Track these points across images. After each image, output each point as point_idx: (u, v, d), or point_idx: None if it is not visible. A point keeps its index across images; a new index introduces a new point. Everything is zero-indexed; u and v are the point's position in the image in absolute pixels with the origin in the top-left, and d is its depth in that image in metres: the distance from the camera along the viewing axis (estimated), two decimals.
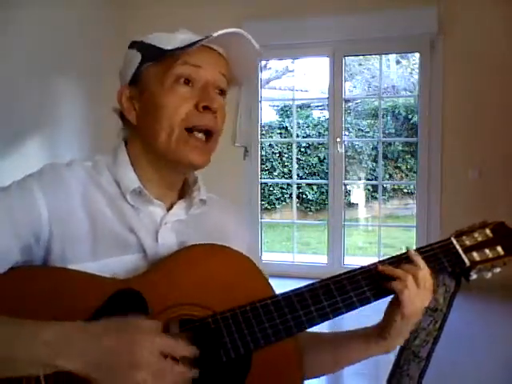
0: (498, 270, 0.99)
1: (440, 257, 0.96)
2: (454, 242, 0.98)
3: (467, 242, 0.98)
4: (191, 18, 4.43)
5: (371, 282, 0.92)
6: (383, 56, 6.23)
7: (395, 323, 0.92)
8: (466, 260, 0.97)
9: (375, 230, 6.10)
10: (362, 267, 0.94)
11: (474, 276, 0.98)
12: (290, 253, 5.36)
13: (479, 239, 0.99)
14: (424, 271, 0.91)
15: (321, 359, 1.03)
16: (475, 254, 0.97)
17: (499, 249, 0.98)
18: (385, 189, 8.97)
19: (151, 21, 4.63)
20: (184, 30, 0.98)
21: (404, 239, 7.32)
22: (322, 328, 0.94)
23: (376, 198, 8.31)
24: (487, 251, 0.98)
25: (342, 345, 1.01)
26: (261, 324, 0.86)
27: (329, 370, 1.06)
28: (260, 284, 0.94)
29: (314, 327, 0.91)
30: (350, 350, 1.00)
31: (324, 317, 0.89)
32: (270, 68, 9.38)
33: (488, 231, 1.00)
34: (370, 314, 1.11)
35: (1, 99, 3.46)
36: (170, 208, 0.99)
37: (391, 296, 0.93)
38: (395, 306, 0.91)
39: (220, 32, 0.92)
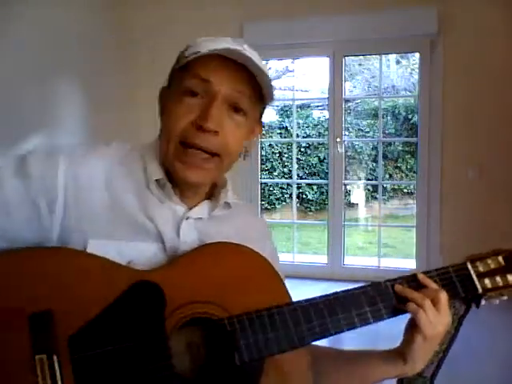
0: (505, 297, 1.00)
1: (454, 281, 0.97)
2: (469, 267, 0.99)
3: (481, 269, 0.99)
4: (192, 19, 4.44)
5: (387, 300, 0.93)
6: (383, 56, 6.21)
7: (415, 345, 0.93)
8: (479, 287, 0.98)
9: (375, 230, 6.10)
10: (376, 283, 0.94)
11: (483, 302, 1.00)
12: (290, 253, 5.35)
13: (492, 266, 1.00)
14: (444, 295, 0.92)
15: (337, 375, 1.02)
16: (487, 281, 0.99)
17: (509, 277, 1.00)
18: (385, 189, 8.97)
19: (151, 21, 4.64)
20: (226, 38, 0.91)
21: (404, 239, 7.33)
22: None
23: (376, 198, 8.29)
24: (498, 279, 0.99)
25: (359, 363, 1.01)
26: (276, 331, 0.87)
27: None
28: (278, 289, 0.94)
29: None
30: (368, 369, 1.00)
31: (338, 329, 0.90)
32: (270, 68, 9.39)
33: (500, 259, 1.01)
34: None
35: (1, 99, 3.46)
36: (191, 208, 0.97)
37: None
38: (413, 329, 0.92)
39: (211, 47, 0.86)
